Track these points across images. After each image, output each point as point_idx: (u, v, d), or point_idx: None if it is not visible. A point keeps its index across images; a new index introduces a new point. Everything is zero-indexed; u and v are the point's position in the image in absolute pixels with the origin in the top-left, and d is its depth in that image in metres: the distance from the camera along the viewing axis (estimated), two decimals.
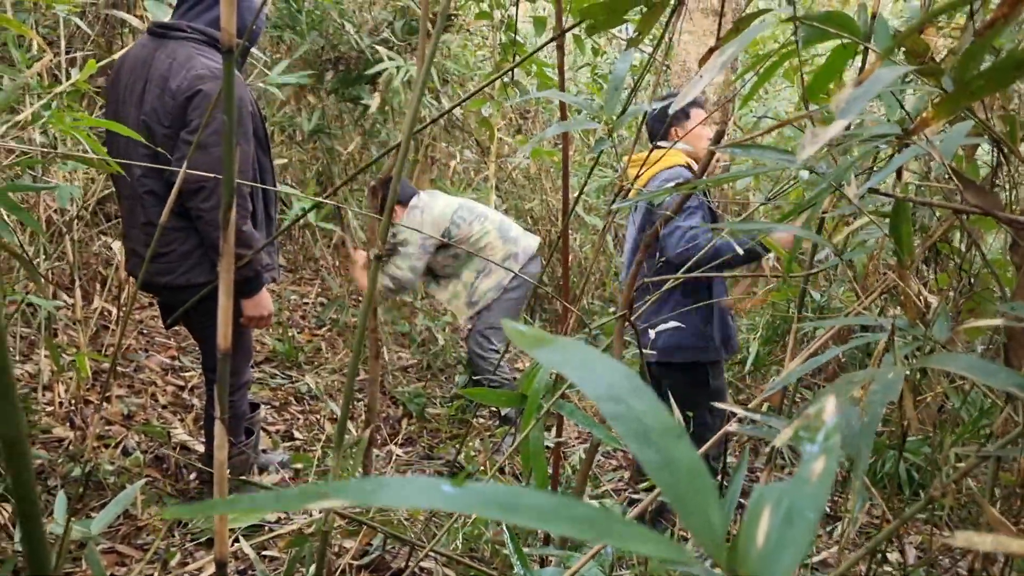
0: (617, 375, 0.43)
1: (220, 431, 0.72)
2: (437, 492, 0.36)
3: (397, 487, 0.36)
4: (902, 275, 1.09)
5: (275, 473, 3.18)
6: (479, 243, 4.21)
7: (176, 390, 3.85)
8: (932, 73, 0.72)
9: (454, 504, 0.35)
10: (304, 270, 6.11)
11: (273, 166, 2.88)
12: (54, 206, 3.31)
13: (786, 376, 1.02)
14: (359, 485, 0.36)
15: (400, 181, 0.95)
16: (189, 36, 2.57)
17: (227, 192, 0.70)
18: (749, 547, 0.37)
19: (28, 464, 0.39)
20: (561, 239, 1.83)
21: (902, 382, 0.70)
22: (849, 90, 0.60)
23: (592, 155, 6.15)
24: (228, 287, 0.69)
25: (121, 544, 2.53)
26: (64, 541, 1.35)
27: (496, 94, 5.21)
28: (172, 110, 2.48)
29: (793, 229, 1.09)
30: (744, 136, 3.08)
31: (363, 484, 0.36)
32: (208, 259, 2.62)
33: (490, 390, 1.30)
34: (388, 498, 0.36)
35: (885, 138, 0.96)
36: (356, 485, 0.37)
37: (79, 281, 3.40)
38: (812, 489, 0.39)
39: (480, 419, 4.42)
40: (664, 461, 0.39)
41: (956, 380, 2.90)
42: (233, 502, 0.37)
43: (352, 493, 0.36)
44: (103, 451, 2.96)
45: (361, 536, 2.37)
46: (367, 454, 2.43)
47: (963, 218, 1.07)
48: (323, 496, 0.35)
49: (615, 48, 7.59)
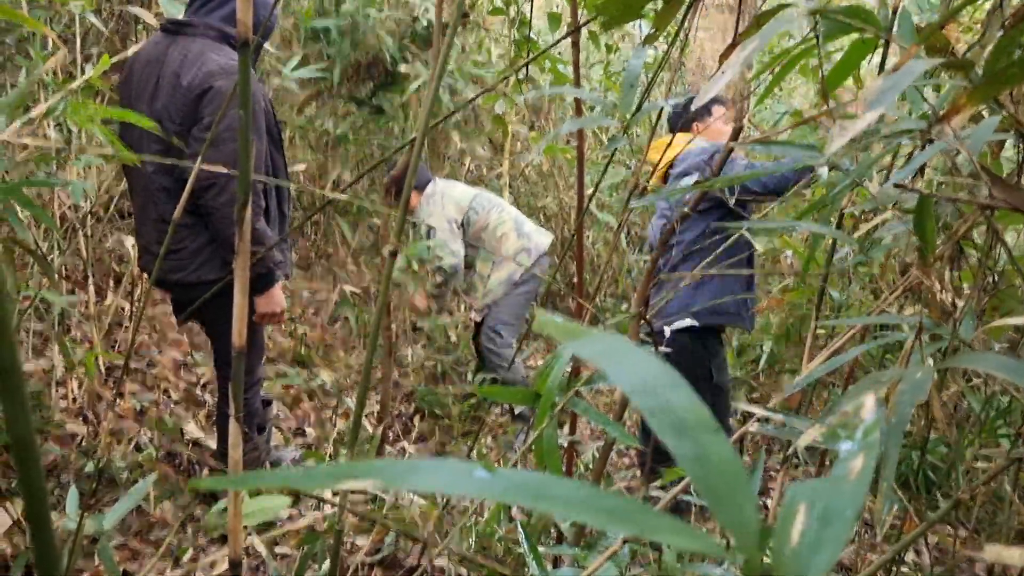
0: (652, 368, 0.42)
1: (235, 430, 0.71)
2: (469, 477, 0.35)
3: (429, 470, 0.35)
4: (925, 273, 1.07)
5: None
6: (496, 232, 4.21)
7: (188, 386, 3.85)
8: (961, 66, 0.71)
9: (485, 490, 0.34)
10: (317, 267, 6.12)
11: (286, 163, 2.87)
12: (68, 202, 3.31)
13: (808, 375, 1.00)
14: (389, 467, 0.35)
15: (416, 171, 0.94)
16: (202, 33, 2.57)
17: (243, 189, 0.69)
18: (783, 545, 0.36)
19: (38, 464, 0.38)
20: (575, 236, 1.81)
21: (931, 382, 0.68)
22: (879, 82, 0.59)
23: (606, 152, 6.14)
24: (244, 285, 0.68)
25: (134, 540, 2.53)
26: (78, 536, 1.34)
27: (510, 91, 5.20)
28: (184, 107, 2.48)
29: (814, 227, 1.07)
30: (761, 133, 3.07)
31: (394, 465, 0.35)
32: (219, 256, 2.61)
33: (504, 387, 1.29)
34: (419, 481, 0.35)
35: (909, 133, 0.94)
36: (386, 467, 0.35)
37: (92, 277, 3.41)
38: (850, 488, 0.38)
39: (493, 416, 4.41)
40: (699, 455, 0.38)
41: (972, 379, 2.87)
42: (256, 476, 0.36)
43: (382, 474, 0.35)
44: (116, 447, 2.96)
45: (374, 533, 2.36)
46: (380, 451, 2.42)
47: (989, 214, 1.05)
48: (352, 476, 0.34)
49: (629, 45, 7.56)
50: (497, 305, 4.24)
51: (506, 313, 4.23)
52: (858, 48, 1.21)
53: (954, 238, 1.10)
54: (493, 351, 4.26)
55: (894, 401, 0.69)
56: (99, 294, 3.64)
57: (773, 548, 0.36)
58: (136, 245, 2.90)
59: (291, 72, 4.00)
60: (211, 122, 2.45)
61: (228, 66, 2.50)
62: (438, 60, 1.00)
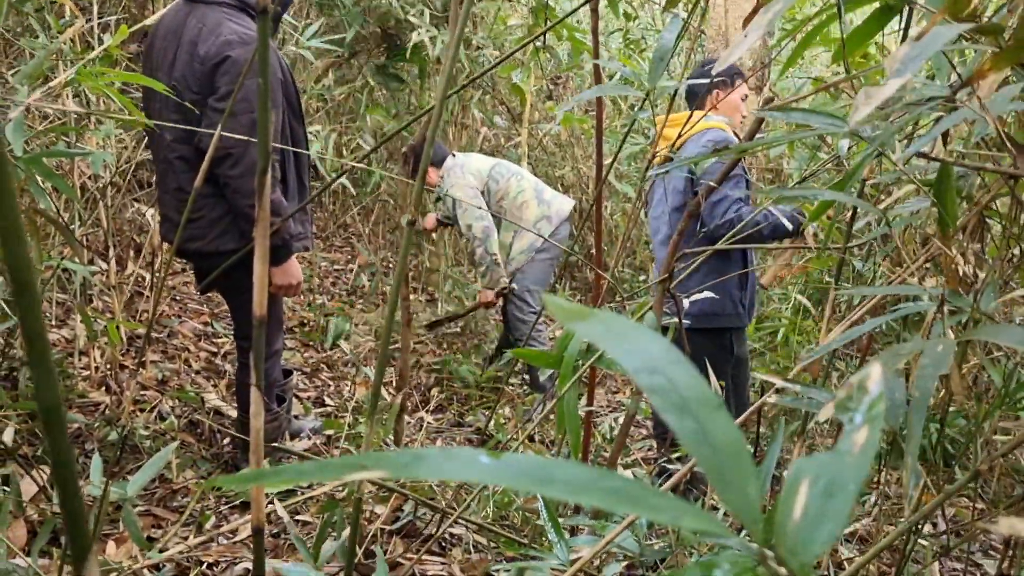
0: (654, 346, 0.42)
1: (256, 398, 0.72)
2: (475, 464, 0.36)
3: (436, 459, 0.36)
4: (946, 243, 1.06)
5: (307, 439, 3.21)
6: (516, 200, 4.21)
7: (209, 356, 3.89)
8: (991, 31, 0.69)
9: (491, 476, 0.35)
10: (335, 237, 6.14)
11: (307, 134, 2.87)
12: (88, 172, 3.33)
13: (826, 345, 1.00)
14: (397, 457, 0.36)
15: (433, 143, 0.93)
16: (221, 1, 2.56)
17: (262, 158, 0.69)
18: (786, 521, 0.36)
19: (64, 431, 0.39)
20: (594, 207, 1.81)
21: (952, 355, 0.68)
22: (905, 48, 0.58)
23: (625, 122, 6.09)
24: (264, 254, 0.68)
25: (157, 507, 2.57)
26: (103, 503, 1.36)
27: (528, 59, 5.16)
28: (200, 76, 2.48)
29: (836, 195, 1.06)
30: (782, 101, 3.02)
31: (401, 456, 0.36)
32: (237, 226, 2.62)
33: (531, 350, 1.30)
34: (426, 470, 0.36)
35: (934, 101, 0.93)
36: (394, 457, 0.36)
37: (113, 248, 3.44)
38: (854, 460, 0.38)
39: (510, 386, 4.43)
40: (702, 433, 0.38)
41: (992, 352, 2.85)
42: (274, 472, 0.37)
43: (390, 465, 0.35)
44: (138, 416, 3.00)
45: (392, 501, 2.39)
46: (399, 420, 2.44)
47: (1012, 184, 1.04)
48: (362, 467, 0.35)
49: (647, 13, 7.48)
50: (522, 272, 4.25)
51: (531, 280, 4.25)
52: (879, 15, 1.19)
53: (976, 209, 1.09)
54: (519, 318, 4.28)
55: (916, 375, 0.68)
56: (120, 264, 3.67)
57: (777, 523, 0.36)
58: (158, 214, 2.91)
59: (307, 40, 3.99)
60: (227, 92, 2.45)
61: (245, 35, 2.49)
62: (456, 28, 0.99)
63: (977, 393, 2.95)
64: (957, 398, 0.89)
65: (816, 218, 1.61)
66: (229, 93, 2.43)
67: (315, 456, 2.69)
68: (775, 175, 5.61)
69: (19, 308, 0.38)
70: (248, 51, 2.45)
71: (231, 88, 2.43)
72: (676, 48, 1.61)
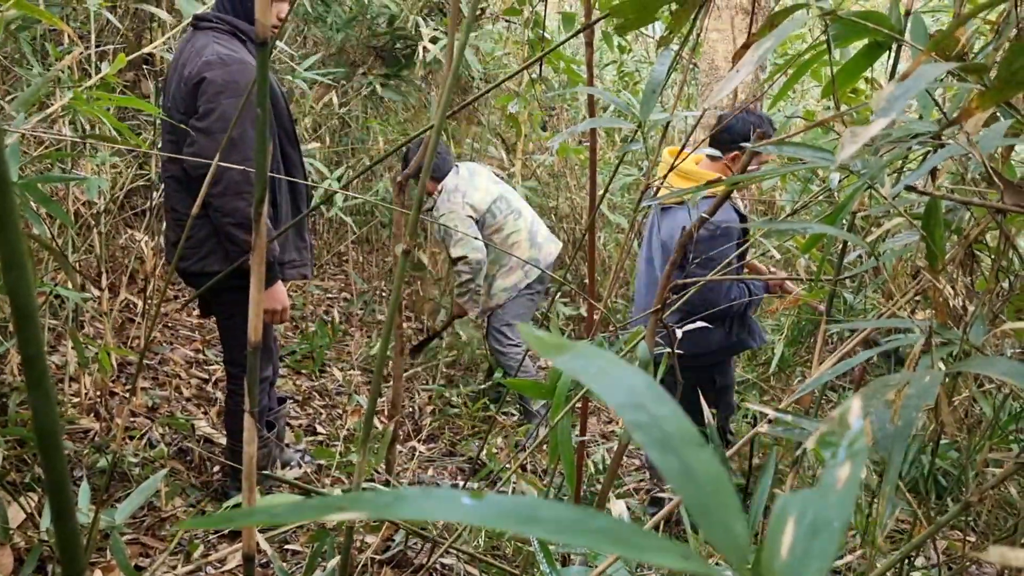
0: (637, 381, 0.42)
1: (250, 425, 0.72)
2: (457, 504, 0.35)
3: (417, 499, 0.36)
4: (934, 276, 1.07)
5: (298, 468, 3.19)
6: (509, 239, 4.21)
7: (200, 383, 3.87)
8: (976, 70, 0.71)
9: (474, 517, 0.35)
10: (328, 265, 6.13)
11: (303, 159, 2.88)
12: (83, 198, 3.34)
13: (817, 378, 1.00)
14: (378, 497, 0.36)
15: (432, 161, 0.94)
16: (215, 26, 2.60)
17: (259, 186, 0.69)
18: (773, 559, 0.36)
19: (61, 455, 0.39)
20: (587, 237, 1.82)
21: (939, 386, 0.68)
22: (891, 88, 0.59)
23: (617, 153, 6.12)
24: (259, 280, 0.68)
25: (145, 535, 2.55)
26: (92, 531, 1.36)
27: (524, 90, 5.20)
28: (185, 97, 2.52)
29: (826, 228, 1.07)
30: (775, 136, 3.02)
31: (382, 496, 0.36)
32: (223, 248, 2.62)
33: (524, 380, 1.30)
34: (407, 511, 0.35)
35: (921, 136, 0.94)
36: (374, 497, 0.36)
37: (106, 274, 3.43)
38: (837, 497, 0.38)
39: (503, 415, 4.42)
40: (685, 469, 0.38)
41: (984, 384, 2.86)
42: (246, 513, 0.37)
43: (371, 506, 0.35)
44: (128, 443, 2.98)
45: (383, 531, 2.37)
46: (391, 449, 2.43)
47: (1000, 218, 1.05)
48: (340, 508, 0.35)
49: (641, 45, 7.55)
50: (502, 307, 4.25)
51: (510, 314, 4.25)
52: (867, 52, 1.21)
53: (965, 242, 1.10)
54: (499, 351, 4.29)
55: (899, 405, 0.69)
56: (112, 291, 3.66)
57: (763, 561, 0.36)
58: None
59: (304, 71, 4.02)
60: (205, 112, 2.47)
61: (226, 56, 2.51)
62: (452, 53, 1.01)
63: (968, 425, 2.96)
64: (948, 430, 0.90)
65: (807, 250, 1.62)
66: (208, 112, 2.46)
67: (306, 485, 2.67)
68: (768, 207, 5.65)
69: (19, 332, 0.39)
70: (227, 72, 2.48)
71: (209, 108, 2.46)
72: (668, 80, 1.63)
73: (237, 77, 2.47)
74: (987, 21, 2.21)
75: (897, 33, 1.04)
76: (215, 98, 2.45)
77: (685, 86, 5.74)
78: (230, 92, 2.46)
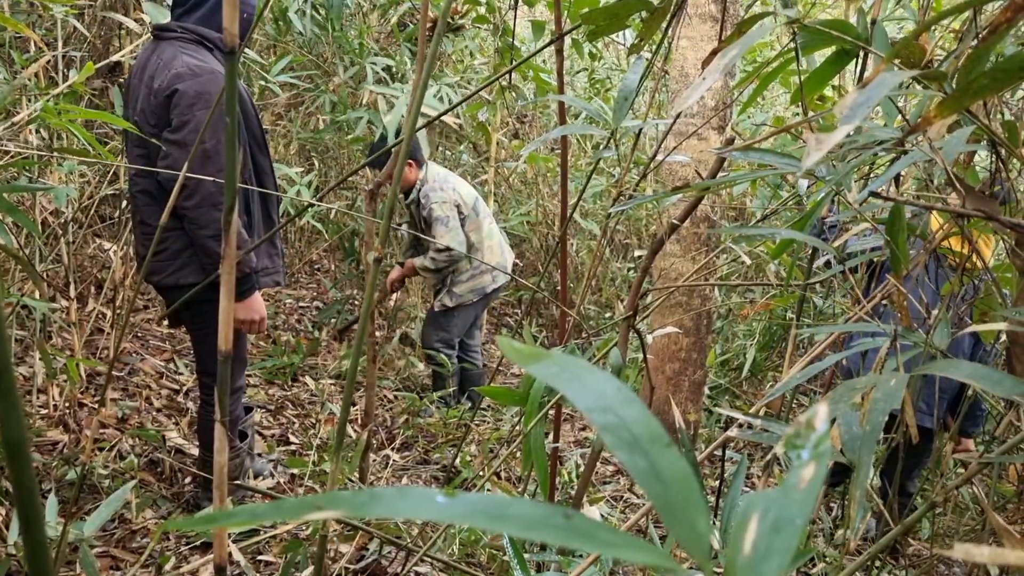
0: (606, 385, 0.43)
1: (220, 434, 0.72)
2: (431, 503, 0.36)
3: (392, 498, 0.36)
4: (898, 280, 1.09)
5: (270, 477, 3.17)
6: (485, 241, 4.27)
7: (171, 393, 3.84)
8: (935, 78, 0.72)
9: (447, 514, 0.36)
10: (301, 274, 6.10)
11: (273, 168, 2.87)
12: (50, 208, 3.30)
13: (786, 382, 1.02)
14: (354, 497, 0.37)
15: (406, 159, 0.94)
16: (179, 36, 2.58)
17: (228, 195, 0.69)
18: (736, 555, 0.37)
19: (30, 466, 0.39)
20: (559, 244, 1.83)
21: (904, 390, 0.69)
22: (853, 95, 0.60)
23: (590, 160, 6.16)
24: (229, 289, 0.68)
25: (115, 548, 2.52)
26: (61, 544, 1.34)
27: (494, 98, 5.21)
28: (156, 109, 2.49)
29: (794, 234, 1.09)
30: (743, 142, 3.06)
31: (358, 496, 0.37)
32: (198, 260, 2.60)
33: (501, 388, 1.31)
34: (383, 509, 0.36)
35: (885, 143, 0.96)
36: (351, 496, 0.37)
37: (74, 284, 3.39)
38: (800, 496, 0.39)
39: (477, 423, 4.42)
40: (652, 469, 0.39)
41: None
42: (228, 514, 0.37)
43: (347, 504, 0.36)
44: (97, 455, 2.95)
45: (357, 540, 2.36)
46: (364, 458, 2.42)
47: (963, 223, 1.07)
48: (317, 507, 0.35)
49: (612, 53, 7.59)
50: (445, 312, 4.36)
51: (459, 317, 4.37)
52: (836, 59, 1.23)
53: (930, 247, 1.12)
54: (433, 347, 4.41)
55: (867, 409, 0.70)
56: (80, 301, 3.62)
57: (727, 558, 0.37)
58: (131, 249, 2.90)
59: (275, 75, 4.00)
60: (178, 124, 2.45)
61: (196, 67, 2.49)
62: (423, 67, 1.01)
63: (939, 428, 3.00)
64: (912, 431, 0.91)
65: (777, 256, 1.64)
66: (182, 125, 2.44)
67: (279, 495, 2.65)
68: (738, 213, 5.69)
69: None
70: (198, 83, 2.46)
71: (182, 120, 2.44)
72: (640, 88, 1.64)
73: (209, 88, 2.46)
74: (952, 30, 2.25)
75: (863, 41, 1.05)
76: (188, 110, 2.43)
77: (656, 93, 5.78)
78: (203, 103, 2.44)
